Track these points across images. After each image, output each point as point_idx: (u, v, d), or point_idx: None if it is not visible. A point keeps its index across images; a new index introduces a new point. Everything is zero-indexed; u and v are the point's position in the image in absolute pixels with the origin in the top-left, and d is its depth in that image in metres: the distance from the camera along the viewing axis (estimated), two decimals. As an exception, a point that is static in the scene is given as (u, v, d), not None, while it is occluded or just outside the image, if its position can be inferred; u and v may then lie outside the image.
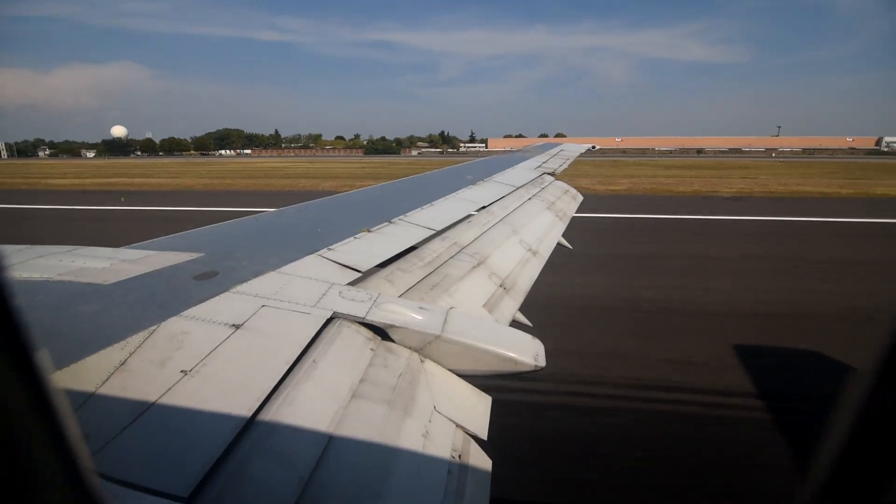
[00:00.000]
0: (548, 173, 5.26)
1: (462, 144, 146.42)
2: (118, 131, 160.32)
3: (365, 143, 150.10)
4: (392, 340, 1.56)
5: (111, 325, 1.36)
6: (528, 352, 1.55)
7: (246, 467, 0.98)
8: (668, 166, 50.69)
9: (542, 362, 1.53)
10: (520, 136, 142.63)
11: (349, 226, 2.50)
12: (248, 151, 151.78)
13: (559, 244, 3.40)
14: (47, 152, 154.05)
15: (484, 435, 1.37)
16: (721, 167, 49.51)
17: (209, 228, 2.47)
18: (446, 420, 1.35)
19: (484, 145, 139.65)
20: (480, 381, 1.57)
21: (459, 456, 1.25)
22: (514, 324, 2.09)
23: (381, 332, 1.56)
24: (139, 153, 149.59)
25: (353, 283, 1.85)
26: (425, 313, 1.64)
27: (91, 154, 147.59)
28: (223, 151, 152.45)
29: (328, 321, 1.53)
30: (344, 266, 1.99)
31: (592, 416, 5.56)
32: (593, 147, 9.00)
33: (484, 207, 3.41)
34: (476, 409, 1.47)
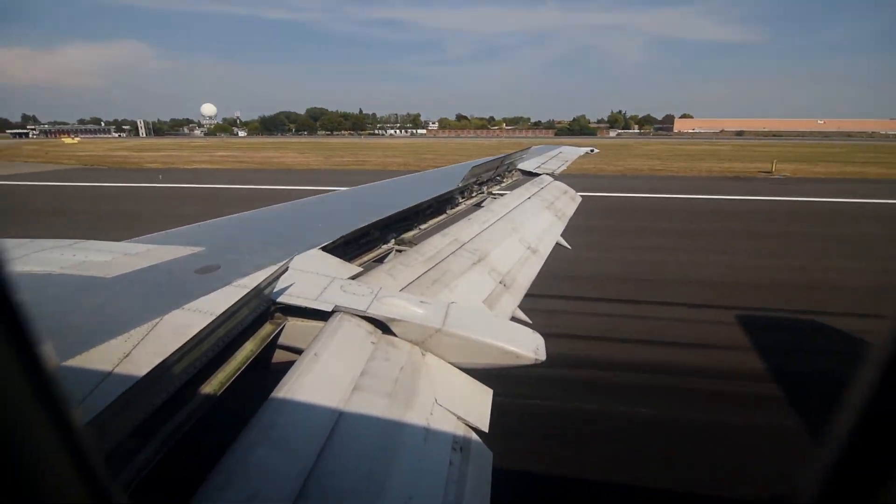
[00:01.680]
0: (547, 174, 5.29)
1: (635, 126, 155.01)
2: (208, 110, 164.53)
3: (557, 124, 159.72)
4: (393, 334, 1.56)
5: (114, 318, 1.36)
6: (528, 345, 1.56)
7: (249, 456, 0.98)
8: None
9: (542, 356, 1.53)
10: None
11: (349, 221, 2.51)
12: (424, 131, 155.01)
13: (558, 244, 3.41)
14: (198, 132, 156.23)
15: (485, 427, 1.37)
16: None
17: (211, 223, 2.47)
18: (447, 412, 1.35)
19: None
20: (481, 374, 1.58)
21: (461, 448, 1.25)
22: (514, 321, 2.10)
23: (382, 326, 1.57)
24: (292, 130, 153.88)
25: (354, 277, 1.86)
26: (426, 307, 1.64)
27: (243, 133, 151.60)
28: (393, 131, 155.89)
29: (330, 314, 1.54)
30: (345, 260, 2.00)
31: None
32: (592, 150, 9.02)
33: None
34: (477, 402, 1.47)
